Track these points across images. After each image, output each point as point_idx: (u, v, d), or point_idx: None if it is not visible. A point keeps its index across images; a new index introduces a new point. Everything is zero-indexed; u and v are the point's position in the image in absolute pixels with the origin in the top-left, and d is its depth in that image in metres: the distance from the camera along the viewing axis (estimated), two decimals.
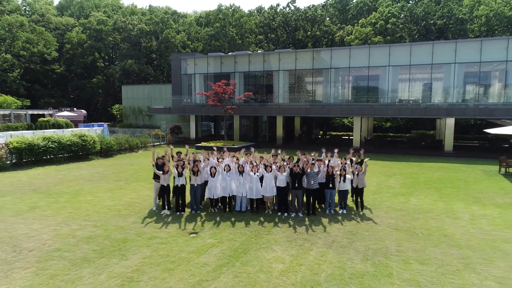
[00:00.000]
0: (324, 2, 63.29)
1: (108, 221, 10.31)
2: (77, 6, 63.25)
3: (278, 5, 64.85)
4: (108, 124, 38.30)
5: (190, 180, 11.27)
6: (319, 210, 11.63)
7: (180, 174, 11.01)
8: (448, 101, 27.65)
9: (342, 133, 43.43)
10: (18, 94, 46.53)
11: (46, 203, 12.17)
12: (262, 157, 12.15)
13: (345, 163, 11.90)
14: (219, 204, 11.62)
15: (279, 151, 13.00)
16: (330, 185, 11.23)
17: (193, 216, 10.86)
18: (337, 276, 6.97)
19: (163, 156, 11.85)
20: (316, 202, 11.62)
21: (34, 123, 34.19)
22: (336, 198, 11.75)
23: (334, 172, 11.28)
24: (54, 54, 50.14)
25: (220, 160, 11.96)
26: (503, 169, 18.59)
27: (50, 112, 38.34)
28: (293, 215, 10.95)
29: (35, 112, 35.66)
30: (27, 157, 19.85)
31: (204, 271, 7.14)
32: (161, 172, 11.09)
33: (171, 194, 11.48)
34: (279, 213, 11.08)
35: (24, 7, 56.77)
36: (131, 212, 11.26)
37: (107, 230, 9.50)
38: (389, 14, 47.89)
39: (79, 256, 7.86)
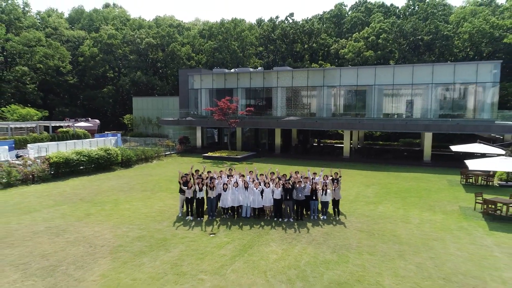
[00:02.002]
0: (321, 15, 66.94)
1: (148, 225, 13.91)
2: (87, 18, 66.90)
3: (277, 17, 68.54)
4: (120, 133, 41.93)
5: (207, 194, 14.86)
6: (306, 216, 15.20)
7: (200, 189, 14.60)
8: (428, 116, 31.27)
9: (336, 141, 47.08)
10: (35, 104, 50.14)
11: (96, 210, 15.77)
12: (262, 174, 15.78)
13: (326, 180, 15.48)
14: (229, 211, 15.19)
15: (276, 170, 16.59)
16: (314, 197, 14.83)
17: (210, 221, 14.44)
18: (312, 262, 10.57)
19: (187, 174, 15.42)
20: (304, 210, 15.21)
21: (56, 134, 37.79)
22: (320, 207, 15.32)
23: (317, 187, 14.87)
24: (69, 67, 53.83)
25: (229, 178, 15.57)
26: (464, 180, 22.20)
27: (68, 123, 41.92)
28: (285, 220, 14.54)
29: (57, 124, 39.14)
30: (63, 169, 23.44)
31: (223, 259, 10.73)
32: (186, 187, 14.68)
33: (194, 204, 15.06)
34: (275, 219, 14.66)
35: (38, 21, 60.29)
36: (163, 218, 14.85)
37: (150, 232, 13.11)
38: (380, 30, 51.53)
39: (136, 250, 11.46)
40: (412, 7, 56.39)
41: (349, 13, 62.93)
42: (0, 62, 47.34)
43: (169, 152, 35.38)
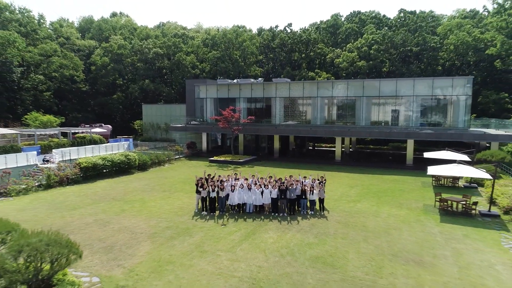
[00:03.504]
0: (318, 24, 70.73)
1: (172, 218, 17.70)
2: (96, 28, 70.74)
3: (277, 26, 72.41)
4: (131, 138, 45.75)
5: (218, 194, 18.64)
6: (297, 211, 18.98)
7: (212, 190, 18.40)
8: (409, 125, 35.06)
9: (330, 145, 50.85)
10: (51, 110, 53.96)
11: (128, 207, 19.57)
12: (262, 178, 19.58)
13: (314, 183, 19.26)
14: (236, 208, 18.96)
15: (273, 174, 20.38)
16: (303, 197, 18.61)
17: (221, 215, 18.22)
18: (299, 244, 14.35)
19: (201, 178, 19.19)
20: (296, 206, 18.99)
21: (74, 139, 41.57)
22: (308, 204, 19.07)
23: (306, 189, 18.65)
24: (82, 76, 57.72)
25: (236, 181, 19.37)
26: (435, 182, 25.98)
27: (83, 129, 45.71)
28: (280, 214, 18.31)
29: (75, 130, 42.92)
30: (91, 173, 27.23)
31: (233, 242, 14.51)
32: (202, 189, 18.48)
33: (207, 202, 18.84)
34: (272, 213, 18.44)
35: (52, 32, 64.11)
36: (183, 213, 18.64)
37: (175, 223, 16.89)
38: (372, 41, 55.34)
39: (167, 235, 15.25)
40: (403, 19, 60.13)
41: (344, 23, 66.67)
42: (21, 72, 51.08)
43: (178, 156, 39.16)
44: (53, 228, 13.11)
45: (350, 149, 44.61)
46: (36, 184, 23.88)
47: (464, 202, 18.63)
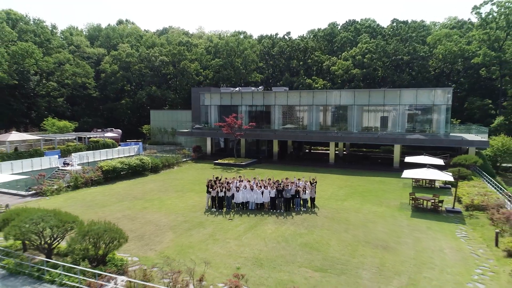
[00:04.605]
0: (316, 32, 74.22)
1: (187, 214, 21.20)
2: (104, 36, 74.31)
3: (276, 34, 75.91)
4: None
5: (225, 193, 22.14)
6: (292, 208, 22.45)
7: (221, 191, 21.90)
8: (396, 131, 38.55)
9: (325, 148, 54.33)
10: (64, 116, 57.53)
11: (149, 205, 23.08)
12: (263, 180, 23.10)
13: (306, 184, 22.76)
14: (240, 205, 22.44)
15: (272, 177, 23.89)
16: (297, 196, 22.12)
17: (228, 211, 21.70)
18: (292, 234, 17.84)
19: (211, 180, 22.70)
20: (291, 204, 22.47)
21: (89, 143, 45.06)
22: (302, 202, 22.55)
23: (299, 189, 22.15)
24: (93, 83, 61.34)
25: (240, 182, 22.88)
26: (414, 183, 29.47)
27: (96, 134, 49.22)
28: (278, 211, 21.81)
29: (91, 135, 46.44)
30: (110, 175, 30.71)
31: (239, 232, 17.99)
32: (212, 189, 21.98)
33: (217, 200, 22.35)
34: (271, 210, 21.93)
35: (63, 40, 67.71)
36: (196, 209, 22.14)
37: (191, 218, 20.39)
38: (366, 50, 58.84)
39: (185, 227, 18.75)
40: (395, 29, 63.60)
41: (340, 31, 70.14)
42: (37, 80, 54.68)
43: (185, 159, 42.66)
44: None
45: (344, 152, 48.09)
46: (65, 185, 27.39)
47: (433, 200, 22.13)
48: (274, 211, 21.82)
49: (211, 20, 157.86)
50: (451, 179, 21.69)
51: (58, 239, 13.71)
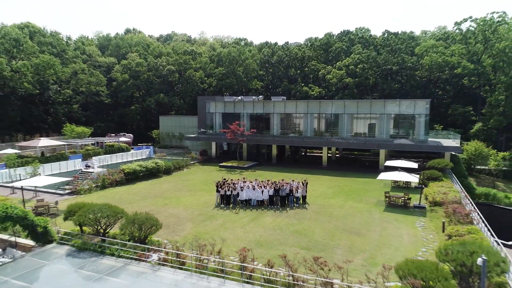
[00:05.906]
0: (313, 41, 78.99)
1: (201, 209, 25.92)
2: (114, 45, 79.15)
3: (276, 43, 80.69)
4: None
5: (231, 192, 26.87)
6: (287, 204, 27.14)
7: (228, 190, 26.65)
8: (381, 137, 43.27)
9: (320, 151, 59.00)
10: (80, 121, 62.30)
11: (169, 202, 27.81)
12: (263, 181, 27.89)
13: (298, 184, 27.48)
14: (244, 202, 27.14)
15: (270, 178, 28.64)
16: (291, 194, 26.85)
17: (234, 207, 26.42)
18: (286, 224, 22.55)
19: (219, 181, 27.43)
20: (286, 201, 27.18)
21: (106, 148, 49.80)
22: (295, 200, 27.24)
23: (293, 189, 26.88)
24: (106, 91, 66.25)
25: (244, 183, 27.63)
26: (393, 183, 34.18)
27: (111, 139, 53.97)
28: (275, 206, 26.53)
29: (107, 140, 51.19)
30: (131, 177, 35.42)
31: (244, 223, 22.71)
32: (220, 188, 26.72)
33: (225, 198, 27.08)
34: (269, 206, 26.65)
35: (77, 51, 72.57)
36: (208, 205, 26.86)
37: (204, 212, 25.11)
38: (358, 60, 63.61)
39: (201, 219, 23.48)
40: (386, 40, 68.35)
41: (335, 41, 74.90)
42: (55, 89, 59.55)
43: (193, 162, 47.39)
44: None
45: (337, 155, 52.82)
46: (94, 185, 32.12)
47: (403, 198, 26.85)
48: (272, 206, 26.53)
49: (212, 25, 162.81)
50: (416, 180, 26.39)
51: (111, 225, 18.45)
